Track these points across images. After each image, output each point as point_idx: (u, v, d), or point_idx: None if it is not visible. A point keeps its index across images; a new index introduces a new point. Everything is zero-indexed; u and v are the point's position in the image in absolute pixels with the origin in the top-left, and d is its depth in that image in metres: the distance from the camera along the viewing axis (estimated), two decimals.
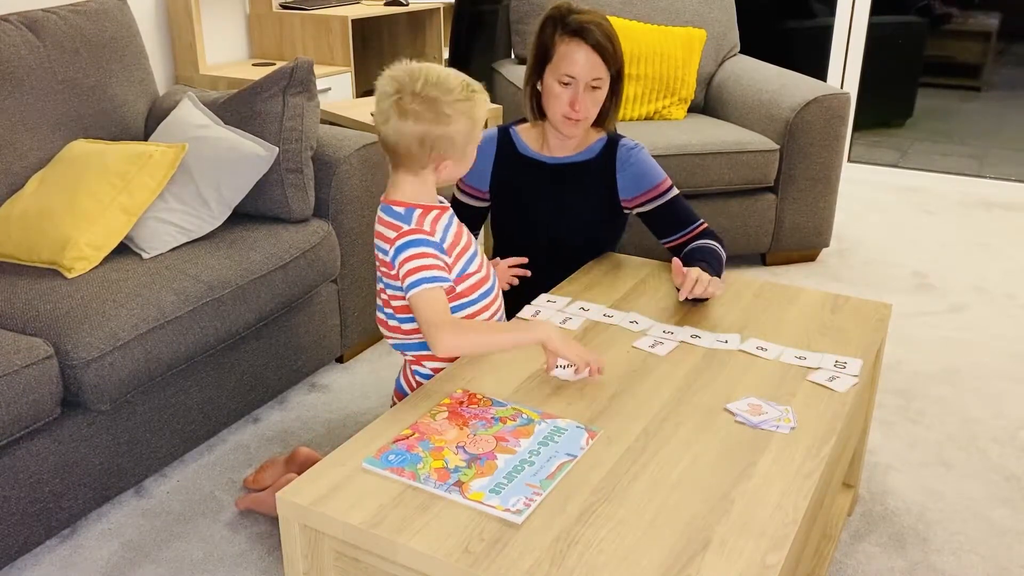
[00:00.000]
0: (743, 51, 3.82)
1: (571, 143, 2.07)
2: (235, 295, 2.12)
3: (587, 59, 1.91)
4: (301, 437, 2.32)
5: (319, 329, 2.49)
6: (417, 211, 1.65)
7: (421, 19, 4.43)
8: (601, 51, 1.91)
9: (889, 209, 4.10)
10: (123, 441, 1.99)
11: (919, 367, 2.68)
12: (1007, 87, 4.96)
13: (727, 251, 2.04)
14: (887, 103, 4.98)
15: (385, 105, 1.60)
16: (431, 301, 1.59)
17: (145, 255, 2.15)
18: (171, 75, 3.69)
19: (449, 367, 1.64)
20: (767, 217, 3.29)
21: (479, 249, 1.78)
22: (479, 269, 1.74)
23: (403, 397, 1.78)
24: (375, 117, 1.64)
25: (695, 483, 1.31)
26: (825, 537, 1.86)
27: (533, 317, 1.82)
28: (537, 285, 1.99)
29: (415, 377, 1.80)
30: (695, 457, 1.37)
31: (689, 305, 1.88)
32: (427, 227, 1.64)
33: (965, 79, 5.03)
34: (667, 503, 1.27)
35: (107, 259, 2.11)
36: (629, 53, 3.34)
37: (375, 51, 4.56)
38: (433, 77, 1.59)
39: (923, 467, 2.21)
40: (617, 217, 2.14)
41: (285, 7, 4.00)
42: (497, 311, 1.80)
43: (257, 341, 2.29)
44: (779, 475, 1.33)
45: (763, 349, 1.71)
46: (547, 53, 1.96)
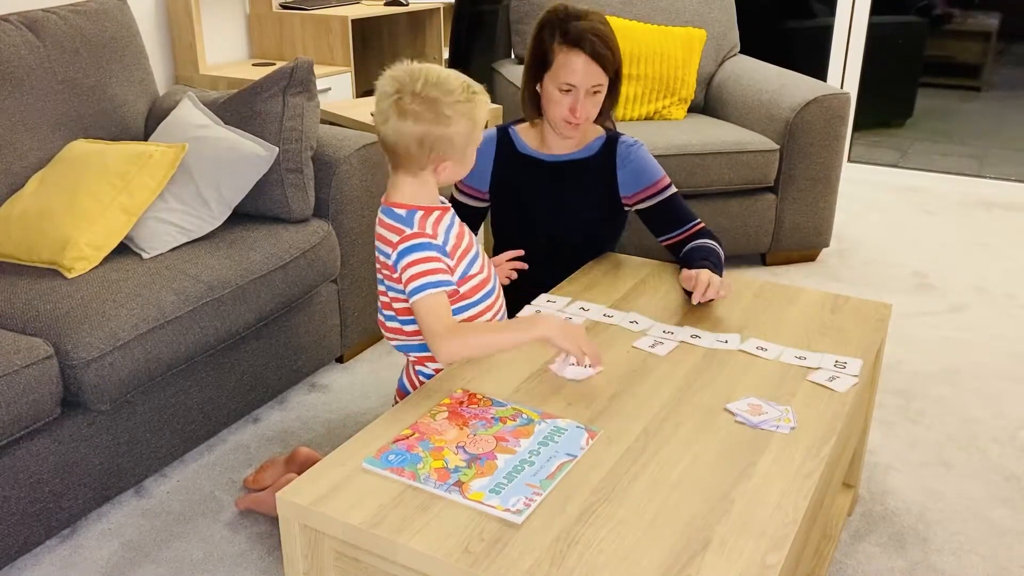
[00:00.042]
0: (743, 51, 3.82)
1: (570, 141, 2.07)
2: (235, 295, 2.12)
3: (586, 68, 1.91)
4: (301, 437, 2.32)
5: (319, 329, 2.49)
6: (419, 213, 1.65)
7: (421, 19, 4.43)
8: (600, 59, 1.91)
9: (889, 209, 4.10)
10: (123, 441, 1.99)
11: (919, 367, 2.68)
12: (1007, 87, 4.96)
13: (726, 251, 2.04)
14: (887, 103, 4.98)
15: (385, 105, 1.60)
16: (434, 307, 1.59)
17: (145, 255, 2.15)
18: (171, 75, 3.69)
19: (449, 367, 1.64)
20: (767, 217, 3.29)
21: (480, 249, 1.78)
22: (481, 270, 1.74)
23: (404, 395, 1.78)
24: (375, 117, 1.63)
25: (695, 483, 1.31)
26: (825, 537, 1.86)
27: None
28: (537, 284, 1.99)
29: (419, 377, 1.80)
30: (695, 457, 1.37)
31: (689, 305, 1.88)
32: (429, 229, 1.64)
33: (965, 79, 5.03)
34: (667, 503, 1.27)
35: (107, 259, 2.11)
36: (629, 53, 3.34)
37: (375, 51, 4.56)
38: (433, 77, 1.59)
39: (923, 467, 2.21)
40: (617, 215, 2.14)
41: (285, 7, 4.00)
42: (499, 311, 1.80)
43: (257, 341, 2.29)
44: (779, 475, 1.33)
45: (763, 349, 1.71)
46: (545, 59, 1.96)
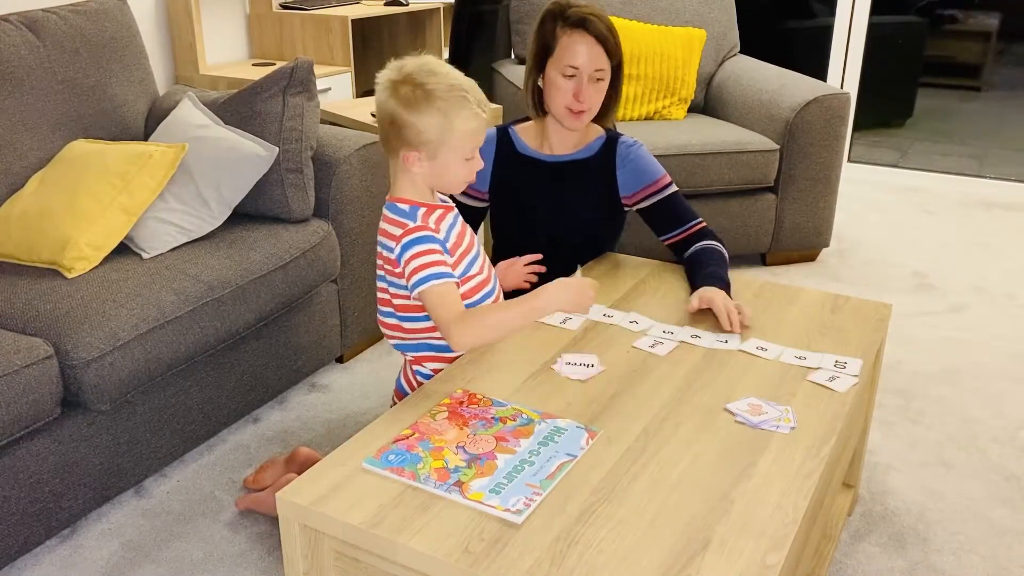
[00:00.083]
0: (743, 51, 3.82)
1: (571, 141, 2.07)
2: (235, 295, 2.12)
3: (590, 50, 1.92)
4: (301, 437, 2.32)
5: (319, 329, 2.49)
6: (422, 209, 1.65)
7: (421, 19, 4.43)
8: (603, 42, 1.92)
9: (889, 209, 4.10)
10: (123, 441, 1.99)
11: (919, 367, 2.68)
12: (1007, 87, 4.96)
13: (727, 251, 2.04)
14: (887, 103, 4.97)
15: (381, 81, 1.61)
16: (443, 295, 1.59)
17: (145, 255, 2.15)
18: (171, 75, 3.69)
19: (449, 367, 1.64)
20: (767, 217, 3.29)
21: (481, 250, 1.78)
22: (480, 271, 1.74)
23: (403, 397, 1.78)
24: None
25: (695, 483, 1.31)
26: (825, 537, 1.86)
27: None
28: (536, 284, 1.99)
29: (416, 377, 1.80)
30: (695, 457, 1.37)
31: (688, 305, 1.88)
32: (432, 225, 1.65)
33: (965, 79, 5.03)
34: (667, 503, 1.27)
35: (107, 259, 2.11)
36: (629, 53, 3.34)
37: (375, 51, 4.56)
38: (431, 67, 1.59)
39: (923, 467, 2.21)
40: (616, 215, 2.14)
41: (285, 7, 4.00)
42: None
43: (257, 341, 2.29)
44: (779, 475, 1.33)
45: (763, 349, 1.71)
46: (548, 47, 1.96)
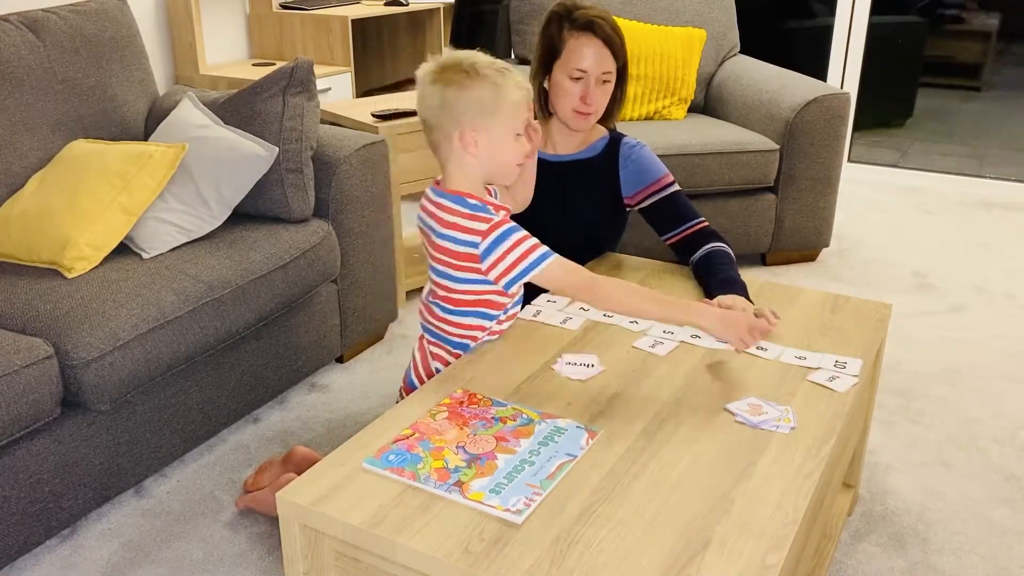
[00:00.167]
0: (743, 51, 3.82)
1: (574, 141, 2.07)
2: (235, 295, 2.12)
3: (597, 53, 1.92)
4: (301, 437, 2.32)
5: (319, 329, 2.49)
6: (488, 206, 1.62)
7: (421, 19, 4.44)
8: (610, 44, 1.93)
9: (889, 209, 4.10)
10: (123, 441, 1.99)
11: (919, 367, 2.68)
12: (1007, 87, 4.96)
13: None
14: (887, 103, 4.97)
15: (423, 77, 1.60)
16: (564, 264, 1.58)
17: (145, 255, 2.15)
18: (171, 75, 3.70)
19: (449, 367, 1.64)
20: (767, 217, 3.29)
21: None
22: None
23: (411, 391, 1.77)
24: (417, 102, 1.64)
25: (695, 483, 1.31)
26: (825, 537, 1.86)
27: (534, 318, 1.81)
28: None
29: (435, 373, 1.77)
30: (695, 457, 1.37)
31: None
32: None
33: (965, 79, 5.03)
34: (667, 503, 1.27)
35: (107, 259, 2.11)
36: (629, 53, 3.32)
37: (375, 51, 4.57)
38: (472, 54, 1.60)
39: (923, 467, 2.21)
40: (618, 216, 2.14)
41: (285, 7, 4.00)
42: (512, 317, 1.79)
43: (257, 341, 2.29)
44: (779, 475, 1.33)
45: (763, 349, 1.70)
46: (555, 49, 1.96)
